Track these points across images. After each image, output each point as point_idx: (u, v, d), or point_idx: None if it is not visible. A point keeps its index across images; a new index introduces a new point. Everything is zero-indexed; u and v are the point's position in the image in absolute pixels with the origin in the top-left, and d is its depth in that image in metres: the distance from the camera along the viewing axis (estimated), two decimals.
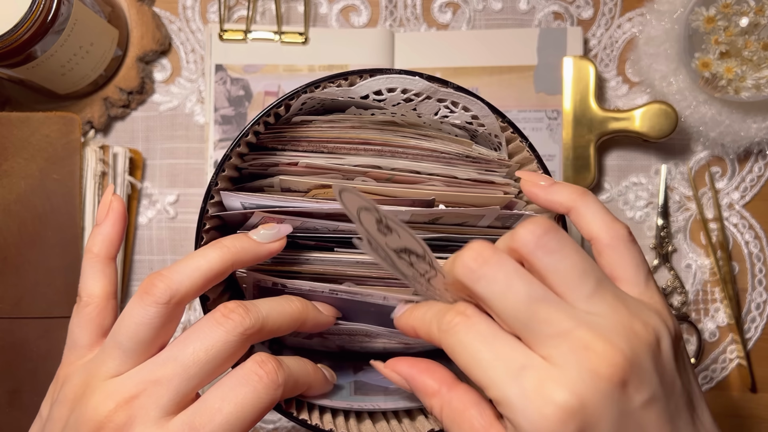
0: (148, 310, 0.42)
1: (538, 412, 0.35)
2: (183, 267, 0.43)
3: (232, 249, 0.44)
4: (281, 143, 0.51)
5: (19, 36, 0.60)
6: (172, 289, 0.42)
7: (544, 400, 0.35)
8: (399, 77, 0.49)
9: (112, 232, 0.47)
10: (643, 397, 0.36)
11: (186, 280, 0.42)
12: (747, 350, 0.74)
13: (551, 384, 0.35)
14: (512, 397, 0.36)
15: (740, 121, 0.71)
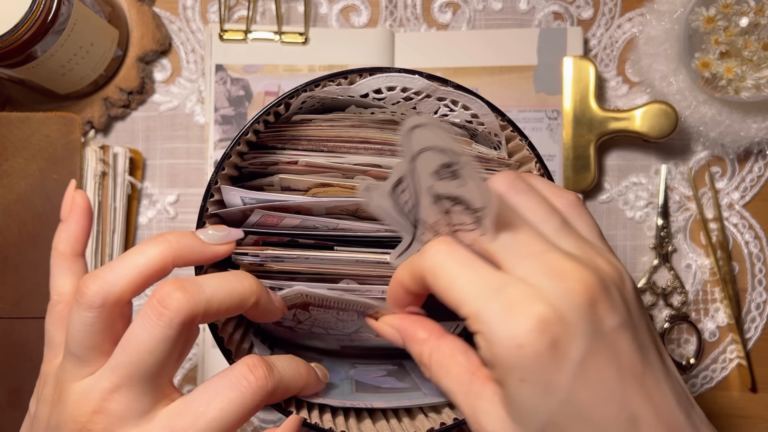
0: (85, 315, 0.41)
1: (516, 323, 0.36)
2: (118, 265, 0.42)
3: (174, 245, 0.43)
4: (281, 142, 0.51)
5: (19, 36, 0.60)
6: (105, 290, 0.41)
7: (522, 311, 0.36)
8: (398, 76, 0.49)
9: (76, 228, 0.46)
10: (613, 321, 0.37)
11: (120, 279, 0.41)
12: (747, 350, 0.74)
13: (529, 298, 0.36)
14: (489, 310, 0.37)
15: (740, 121, 0.71)
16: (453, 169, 0.38)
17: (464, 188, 0.39)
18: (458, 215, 0.40)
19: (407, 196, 0.40)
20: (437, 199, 0.40)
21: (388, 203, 0.41)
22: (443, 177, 0.38)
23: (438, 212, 0.40)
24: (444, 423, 0.50)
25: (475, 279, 0.38)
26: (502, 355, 0.36)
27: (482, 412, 0.39)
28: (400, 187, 0.40)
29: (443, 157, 0.38)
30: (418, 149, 0.38)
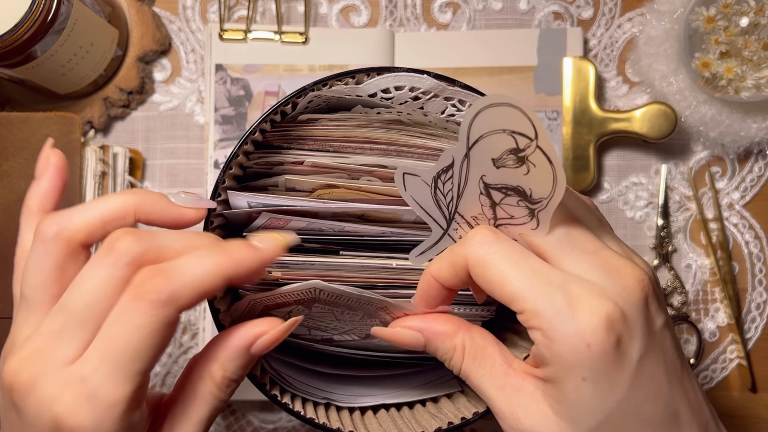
0: (36, 249, 0.40)
1: (583, 321, 0.36)
2: (78, 207, 0.40)
3: (138, 197, 0.41)
4: (287, 142, 0.51)
5: (19, 36, 0.60)
6: (60, 225, 0.40)
7: (588, 309, 0.36)
8: (407, 75, 0.49)
9: (47, 185, 0.44)
10: (661, 319, 0.38)
11: (76, 217, 0.40)
12: (747, 350, 0.75)
13: (593, 296, 0.36)
14: (552, 307, 0.36)
15: (740, 121, 0.72)
16: (521, 155, 0.37)
17: (528, 176, 0.37)
18: (509, 208, 0.39)
19: (450, 186, 0.39)
20: (488, 189, 0.39)
21: (425, 192, 0.40)
22: (506, 163, 0.37)
23: (484, 204, 0.39)
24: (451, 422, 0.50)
25: (531, 273, 0.38)
26: (566, 353, 0.36)
27: (521, 407, 0.39)
28: (445, 175, 0.39)
29: (512, 141, 0.36)
30: (484, 132, 0.36)
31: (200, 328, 0.74)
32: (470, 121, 0.36)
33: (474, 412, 0.50)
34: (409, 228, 0.50)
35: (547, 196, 0.37)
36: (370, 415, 0.53)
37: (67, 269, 0.40)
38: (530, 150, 0.36)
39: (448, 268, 0.41)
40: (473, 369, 0.41)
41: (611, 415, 0.37)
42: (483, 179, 0.38)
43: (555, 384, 0.37)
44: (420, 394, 0.55)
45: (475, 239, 0.40)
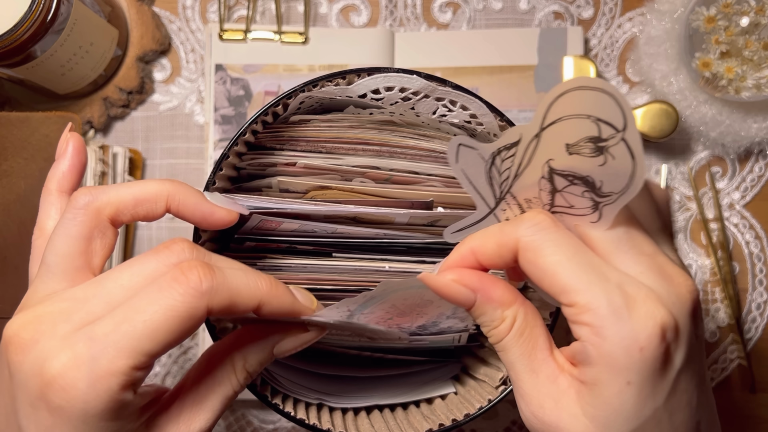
0: (65, 217, 0.40)
1: (639, 325, 0.35)
2: (113, 185, 0.41)
3: (174, 185, 0.42)
4: (279, 143, 0.51)
5: (19, 36, 0.60)
6: (93, 195, 0.40)
7: (645, 313, 0.35)
8: (397, 76, 0.49)
9: (67, 167, 0.45)
10: (701, 331, 0.38)
11: (111, 190, 0.40)
12: (747, 350, 0.74)
13: (650, 300, 0.35)
14: (608, 306, 0.35)
15: (741, 120, 0.71)
16: (602, 145, 0.35)
17: (603, 168, 0.36)
18: (571, 197, 0.38)
19: (509, 165, 0.38)
20: (552, 174, 0.37)
21: (479, 166, 0.38)
22: (581, 151, 0.36)
23: (542, 189, 0.38)
24: (442, 424, 0.50)
25: (588, 267, 0.36)
26: (616, 353, 0.35)
27: (550, 398, 0.38)
28: (507, 152, 0.37)
29: (595, 129, 0.35)
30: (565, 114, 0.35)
31: (200, 328, 0.75)
32: (552, 101, 0.35)
33: (465, 413, 0.50)
34: (402, 230, 0.50)
35: (619, 191, 0.36)
36: (363, 415, 0.53)
37: (93, 241, 0.40)
38: (613, 141, 0.34)
39: (493, 246, 0.39)
40: (514, 345, 0.39)
41: (645, 423, 0.36)
42: (549, 163, 0.37)
43: (594, 386, 0.36)
44: (414, 395, 0.55)
45: (531, 222, 0.38)
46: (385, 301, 0.43)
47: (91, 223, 0.40)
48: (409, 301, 0.44)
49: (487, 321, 0.40)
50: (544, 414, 0.38)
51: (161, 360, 0.75)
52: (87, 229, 0.40)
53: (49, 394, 0.36)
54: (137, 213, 0.41)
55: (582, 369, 0.37)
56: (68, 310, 0.37)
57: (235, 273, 0.39)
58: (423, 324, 0.48)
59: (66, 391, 0.35)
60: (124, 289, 0.37)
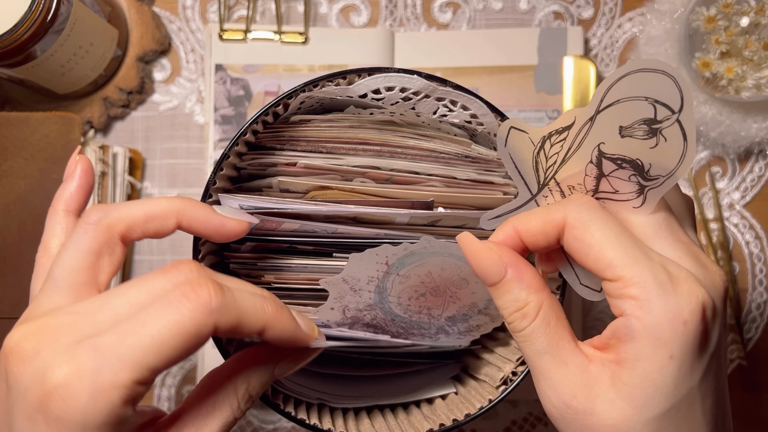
0: (77, 231, 0.40)
1: (683, 300, 0.36)
2: (124, 202, 0.42)
3: (183, 201, 0.42)
4: (280, 143, 0.51)
5: (19, 36, 0.60)
6: (104, 211, 0.40)
7: (687, 291, 0.36)
8: (397, 76, 0.49)
9: (74, 188, 0.45)
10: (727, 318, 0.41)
11: (122, 207, 0.41)
12: (747, 350, 0.74)
13: (691, 281, 0.37)
14: (653, 280, 0.36)
15: (741, 121, 0.71)
16: (656, 127, 0.36)
17: (654, 150, 0.37)
18: (617, 182, 0.38)
19: (558, 149, 0.38)
20: (601, 158, 0.38)
21: (527, 150, 0.39)
22: (635, 133, 0.37)
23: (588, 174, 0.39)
24: (443, 424, 0.50)
25: (632, 245, 0.37)
26: (661, 326, 0.36)
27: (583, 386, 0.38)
28: (558, 136, 0.38)
29: (651, 111, 0.36)
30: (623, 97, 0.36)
31: None
32: (611, 84, 0.36)
33: (466, 413, 0.50)
34: (403, 230, 0.49)
35: (666, 174, 0.37)
36: (363, 416, 0.53)
37: (102, 257, 0.40)
38: (668, 123, 0.36)
39: (538, 224, 0.40)
40: (541, 335, 0.39)
41: (680, 402, 0.37)
42: (600, 147, 0.38)
43: (636, 362, 0.37)
44: (414, 395, 0.55)
45: (578, 201, 0.39)
46: (423, 263, 0.43)
47: (102, 239, 0.40)
48: (446, 274, 0.44)
49: (511, 301, 0.40)
50: (578, 402, 0.38)
51: None
52: (97, 244, 0.40)
53: (49, 405, 0.35)
54: (148, 229, 0.41)
55: (623, 346, 0.37)
56: (73, 323, 0.37)
57: (244, 294, 0.39)
58: (453, 315, 0.48)
59: (66, 402, 0.35)
60: (131, 305, 0.37)
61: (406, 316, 0.46)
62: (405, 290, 0.45)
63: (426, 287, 0.45)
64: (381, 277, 0.43)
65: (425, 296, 0.46)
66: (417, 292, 0.45)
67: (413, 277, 0.44)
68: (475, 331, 0.50)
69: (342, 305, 0.46)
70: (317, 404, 0.52)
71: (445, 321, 0.48)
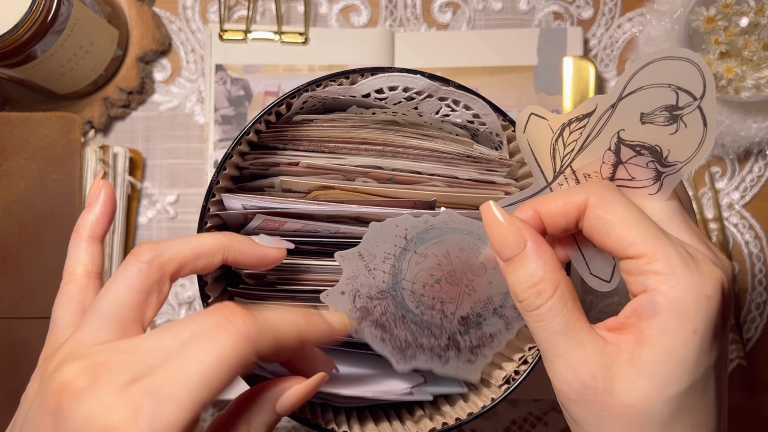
0: (129, 269, 0.40)
1: (706, 277, 0.37)
2: (174, 240, 0.42)
3: (228, 237, 0.44)
4: (282, 142, 0.51)
5: (19, 36, 0.60)
6: (156, 250, 0.41)
7: (708, 270, 0.37)
8: (400, 75, 0.49)
9: (98, 214, 0.45)
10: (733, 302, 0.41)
11: (173, 246, 0.42)
12: (747, 350, 0.74)
13: (709, 262, 0.38)
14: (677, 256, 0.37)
15: (740, 121, 0.71)
16: (677, 113, 0.37)
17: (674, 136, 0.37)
18: (634, 168, 0.39)
19: (577, 137, 0.39)
20: (620, 145, 0.38)
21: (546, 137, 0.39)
22: (655, 120, 0.37)
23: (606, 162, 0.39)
24: (446, 423, 0.50)
25: (653, 227, 0.38)
26: (687, 300, 0.36)
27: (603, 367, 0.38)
28: (578, 123, 0.38)
29: (674, 97, 0.36)
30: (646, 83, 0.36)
31: None
32: (636, 71, 0.36)
33: (468, 413, 0.50)
34: None
35: (684, 160, 0.38)
36: (366, 414, 0.53)
37: (151, 296, 0.41)
38: (689, 109, 0.36)
39: (559, 204, 0.40)
40: (557, 314, 0.38)
41: (698, 381, 0.37)
42: (619, 134, 0.38)
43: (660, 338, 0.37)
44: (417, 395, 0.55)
45: (599, 184, 0.39)
46: (442, 240, 0.43)
47: (154, 278, 0.41)
48: (464, 255, 0.44)
49: (526, 276, 0.39)
50: (598, 382, 0.38)
51: None
52: (149, 283, 0.41)
53: None
54: (196, 267, 0.42)
55: (645, 322, 0.37)
56: (127, 362, 0.37)
57: (274, 314, 0.40)
58: (467, 315, 0.48)
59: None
60: (179, 343, 0.37)
61: (418, 311, 0.46)
62: (420, 273, 0.44)
63: (442, 270, 0.45)
64: (398, 255, 0.43)
65: (440, 284, 0.45)
66: (432, 276, 0.45)
67: (430, 257, 0.44)
68: (487, 347, 0.49)
69: (353, 288, 0.46)
70: (320, 403, 0.52)
71: (458, 324, 0.48)
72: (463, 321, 0.47)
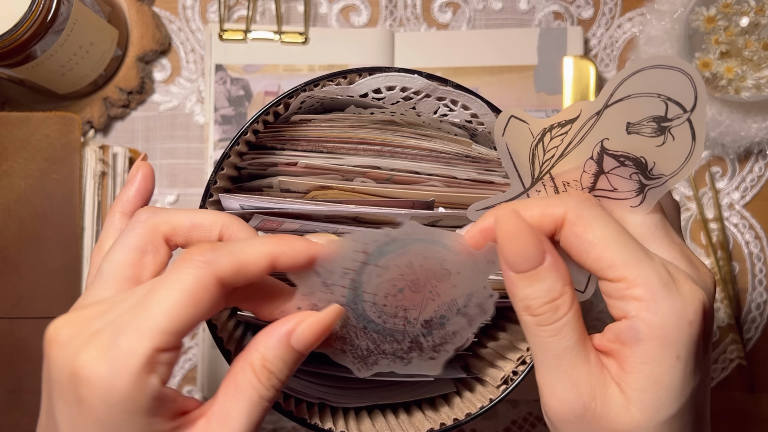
0: (126, 231, 0.42)
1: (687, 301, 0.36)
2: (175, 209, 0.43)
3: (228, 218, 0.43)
4: (280, 142, 0.51)
5: (19, 36, 0.60)
6: (152, 212, 0.42)
7: (689, 292, 0.36)
8: (398, 75, 0.49)
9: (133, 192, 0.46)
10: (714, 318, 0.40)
11: (171, 212, 0.42)
12: (747, 350, 0.74)
13: (690, 282, 0.37)
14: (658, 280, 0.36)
15: (740, 121, 0.71)
16: (665, 125, 0.35)
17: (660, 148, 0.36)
18: (617, 179, 0.38)
19: (558, 143, 0.37)
20: (603, 155, 0.37)
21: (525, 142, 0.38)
22: (642, 130, 0.36)
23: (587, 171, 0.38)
24: (444, 423, 0.50)
25: (634, 245, 0.37)
26: (668, 326, 0.35)
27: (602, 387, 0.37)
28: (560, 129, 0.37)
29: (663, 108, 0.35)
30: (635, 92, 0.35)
31: (200, 328, 0.75)
32: (624, 78, 0.35)
33: (467, 413, 0.50)
34: None
35: (670, 174, 0.36)
36: (364, 415, 0.53)
37: (146, 255, 0.41)
38: (678, 121, 0.35)
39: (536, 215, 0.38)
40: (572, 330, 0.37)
41: (685, 404, 0.36)
42: (603, 143, 0.37)
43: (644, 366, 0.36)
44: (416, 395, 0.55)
45: (578, 198, 0.38)
46: (405, 251, 0.41)
47: (147, 237, 0.41)
48: (428, 264, 0.42)
49: (544, 291, 0.37)
50: (597, 405, 0.37)
51: None
52: (142, 241, 0.41)
53: (78, 386, 0.36)
54: (191, 237, 0.42)
55: (627, 350, 0.36)
56: (104, 311, 0.38)
57: (240, 240, 0.40)
58: (430, 318, 0.47)
59: (90, 381, 0.36)
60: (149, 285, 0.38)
61: (380, 321, 0.44)
62: (382, 284, 0.43)
63: (405, 280, 0.43)
64: (358, 269, 0.42)
65: (403, 292, 0.44)
66: (395, 287, 0.43)
67: (392, 268, 0.42)
68: (450, 343, 0.47)
69: (310, 304, 0.43)
70: (318, 404, 0.52)
71: (421, 328, 0.46)
72: (426, 324, 0.46)
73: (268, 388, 0.40)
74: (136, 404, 0.37)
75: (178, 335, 0.37)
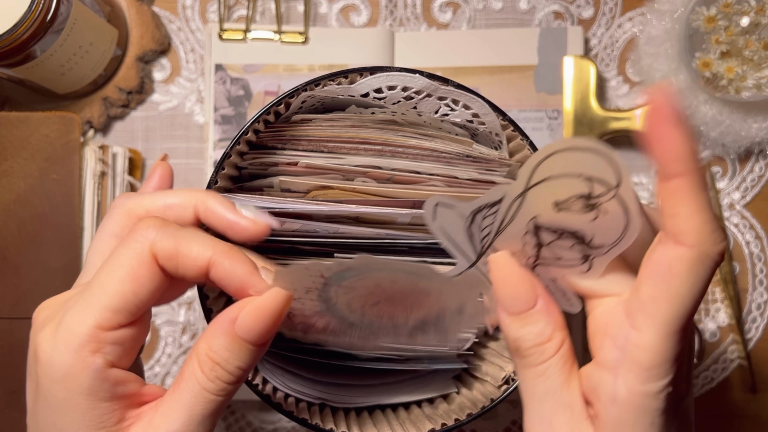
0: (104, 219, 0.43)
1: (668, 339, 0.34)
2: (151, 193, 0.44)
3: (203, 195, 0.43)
4: (281, 142, 0.51)
5: (19, 35, 0.60)
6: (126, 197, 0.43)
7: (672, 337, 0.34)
8: (399, 75, 0.49)
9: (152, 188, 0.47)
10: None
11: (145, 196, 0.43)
12: (748, 350, 0.74)
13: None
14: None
15: (741, 120, 0.71)
16: (593, 202, 0.34)
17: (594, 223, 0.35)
18: (559, 250, 0.37)
19: (491, 222, 0.37)
20: (538, 230, 0.36)
21: (457, 224, 0.37)
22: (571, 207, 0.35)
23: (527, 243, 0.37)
24: (445, 423, 0.50)
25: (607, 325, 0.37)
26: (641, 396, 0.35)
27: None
28: (488, 210, 0.36)
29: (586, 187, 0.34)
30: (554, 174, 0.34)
31: (200, 329, 0.75)
32: (539, 161, 0.34)
33: (468, 413, 0.50)
34: (404, 230, 0.49)
35: (611, 243, 0.35)
36: (365, 415, 0.53)
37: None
38: (606, 198, 0.34)
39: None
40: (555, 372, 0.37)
41: None
42: (535, 219, 0.36)
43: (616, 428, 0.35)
44: (416, 395, 0.55)
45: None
46: (366, 277, 0.40)
47: (123, 221, 0.42)
48: (398, 286, 0.41)
49: (534, 335, 0.37)
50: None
51: (160, 360, 0.75)
52: (118, 227, 0.42)
53: (35, 365, 0.38)
54: (167, 217, 0.42)
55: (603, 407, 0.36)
56: (72, 295, 0.40)
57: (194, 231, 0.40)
58: (423, 319, 0.46)
59: (40, 358, 0.38)
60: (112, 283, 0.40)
61: (366, 323, 0.44)
62: (354, 299, 0.42)
63: (378, 297, 0.42)
64: (321, 288, 0.40)
65: (380, 304, 0.43)
66: (368, 301, 0.42)
67: (359, 287, 0.41)
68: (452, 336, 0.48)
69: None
70: (318, 404, 0.52)
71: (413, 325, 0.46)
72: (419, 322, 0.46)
73: (211, 380, 0.38)
74: (77, 382, 0.37)
75: (122, 313, 0.38)
